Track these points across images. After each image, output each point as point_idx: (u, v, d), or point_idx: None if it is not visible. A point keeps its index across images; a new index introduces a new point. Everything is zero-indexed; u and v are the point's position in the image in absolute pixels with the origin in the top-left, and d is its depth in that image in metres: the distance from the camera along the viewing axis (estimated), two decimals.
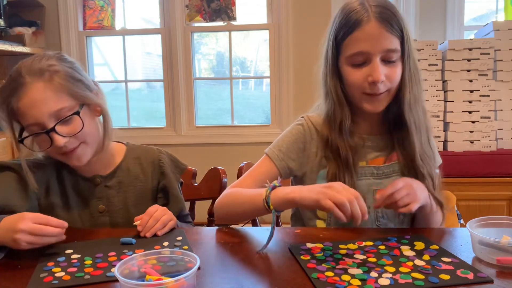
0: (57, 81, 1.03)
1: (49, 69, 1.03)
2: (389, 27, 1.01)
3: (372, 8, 1.01)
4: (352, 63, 1.05)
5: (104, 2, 3.27)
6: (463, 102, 2.45)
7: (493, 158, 2.40)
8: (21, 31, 2.99)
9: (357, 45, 1.02)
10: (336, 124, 1.10)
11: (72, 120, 1.04)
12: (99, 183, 1.16)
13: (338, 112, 1.09)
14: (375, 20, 1.00)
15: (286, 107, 3.15)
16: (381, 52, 1.02)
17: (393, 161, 1.13)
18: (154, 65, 3.45)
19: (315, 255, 0.88)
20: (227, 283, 0.79)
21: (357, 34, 1.02)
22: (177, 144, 3.14)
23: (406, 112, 1.07)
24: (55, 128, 1.02)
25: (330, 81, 1.09)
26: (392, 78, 1.04)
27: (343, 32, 1.04)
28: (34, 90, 1.01)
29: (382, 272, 0.81)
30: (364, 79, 1.03)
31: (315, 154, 1.14)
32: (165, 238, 1.00)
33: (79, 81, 1.07)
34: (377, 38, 1.01)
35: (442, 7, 3.24)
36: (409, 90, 1.06)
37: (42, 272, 0.84)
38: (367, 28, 1.01)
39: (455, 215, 1.41)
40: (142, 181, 1.19)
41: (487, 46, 2.43)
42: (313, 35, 3.07)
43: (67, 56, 1.11)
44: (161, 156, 1.21)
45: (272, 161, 1.14)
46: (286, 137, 1.17)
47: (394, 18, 1.02)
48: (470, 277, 0.78)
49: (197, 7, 3.20)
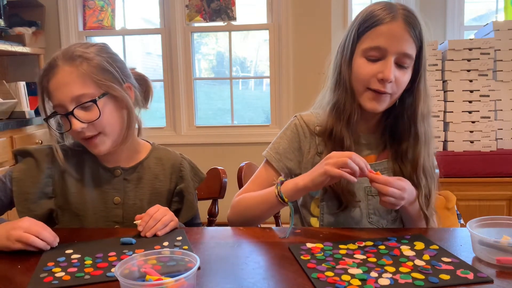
0: (85, 67, 1.06)
1: (81, 56, 1.07)
2: (413, 31, 1.02)
3: (400, 10, 1.03)
4: (367, 56, 1.05)
5: (104, 2, 3.27)
6: (463, 102, 2.45)
7: (493, 158, 2.40)
8: (21, 31, 2.99)
9: (377, 39, 1.03)
10: (345, 116, 1.09)
11: (91, 108, 1.07)
12: (119, 174, 1.17)
13: (349, 103, 1.09)
14: (402, 20, 1.02)
15: (286, 107, 3.15)
16: (397, 53, 1.03)
17: (383, 159, 1.15)
18: (154, 65, 3.45)
19: (315, 255, 0.88)
20: (227, 283, 0.79)
21: (381, 28, 1.03)
22: (177, 144, 3.14)
23: (419, 123, 1.08)
24: (73, 112, 1.05)
25: (345, 71, 1.09)
26: (399, 82, 1.05)
27: (367, 24, 1.05)
28: (62, 73, 1.06)
29: (382, 272, 0.81)
30: (374, 74, 1.04)
31: (308, 152, 1.16)
32: (165, 238, 1.00)
33: (107, 71, 1.09)
34: (399, 38, 1.02)
35: (442, 7, 3.24)
36: (424, 101, 1.07)
37: (42, 272, 0.84)
38: (393, 25, 1.02)
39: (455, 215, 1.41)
40: (161, 181, 1.20)
41: (487, 46, 2.43)
42: (313, 35, 3.09)
43: (109, 48, 1.15)
44: (183, 161, 1.23)
45: (270, 164, 1.17)
46: (282, 138, 1.19)
47: (419, 25, 1.04)
48: (470, 277, 0.78)
49: (197, 7, 3.20)
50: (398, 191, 0.98)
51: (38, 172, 1.14)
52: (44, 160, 1.15)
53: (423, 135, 1.09)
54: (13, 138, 2.53)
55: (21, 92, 2.75)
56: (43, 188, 1.14)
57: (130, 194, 1.17)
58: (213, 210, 1.47)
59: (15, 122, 2.59)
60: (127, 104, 1.12)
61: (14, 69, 3.25)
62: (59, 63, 1.06)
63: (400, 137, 1.12)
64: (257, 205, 1.11)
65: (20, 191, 1.11)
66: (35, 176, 1.13)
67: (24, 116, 2.69)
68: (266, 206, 1.09)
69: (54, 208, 1.14)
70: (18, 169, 1.14)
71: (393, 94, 1.06)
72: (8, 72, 3.24)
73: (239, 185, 1.42)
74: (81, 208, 1.14)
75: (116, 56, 1.15)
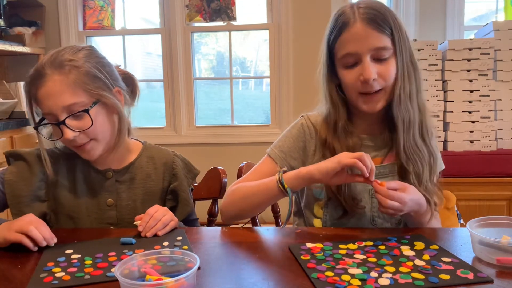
0: (75, 76, 1.05)
1: (69, 64, 1.05)
2: (376, 26, 1.02)
3: (360, 10, 1.04)
4: (344, 65, 1.07)
5: (104, 2, 3.27)
6: (463, 102, 2.45)
7: (493, 158, 2.40)
8: (21, 31, 2.99)
9: (346, 46, 1.05)
10: (331, 125, 1.12)
11: (83, 116, 1.06)
12: (111, 177, 1.17)
13: (333, 113, 1.12)
14: (361, 21, 1.03)
15: (286, 107, 3.15)
16: (369, 51, 1.03)
17: (390, 161, 1.14)
18: (154, 65, 3.45)
19: (315, 255, 0.88)
20: (227, 283, 0.79)
21: (345, 36, 1.04)
22: (177, 144, 3.14)
23: (394, 108, 1.07)
24: (65, 122, 1.04)
25: (326, 85, 1.12)
26: (385, 75, 1.04)
27: (333, 35, 1.07)
28: (52, 82, 1.04)
29: (382, 272, 0.81)
30: (357, 78, 1.05)
31: (313, 152, 1.16)
32: (165, 238, 1.00)
33: (97, 78, 1.08)
34: (364, 38, 1.02)
35: (442, 7, 3.24)
36: (401, 87, 1.06)
37: (42, 272, 0.84)
38: (353, 29, 1.03)
39: (455, 215, 1.41)
40: (153, 180, 1.20)
41: (487, 46, 2.43)
42: (313, 35, 3.08)
43: (97, 51, 1.13)
44: (175, 159, 1.23)
45: (274, 162, 1.16)
46: (287, 137, 1.18)
47: (381, 17, 1.03)
48: (470, 277, 0.78)
49: (197, 7, 3.20)
50: (398, 204, 0.97)
51: (30, 175, 1.13)
52: (36, 163, 1.14)
53: (401, 120, 1.07)
54: (13, 138, 2.53)
55: (21, 92, 2.75)
56: (35, 191, 1.13)
57: (123, 195, 1.17)
58: (213, 210, 1.47)
59: (15, 122, 2.59)
60: (118, 110, 1.12)
61: (14, 69, 3.25)
62: (48, 72, 1.04)
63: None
64: (255, 193, 1.09)
65: (13, 193, 1.11)
66: (27, 179, 1.12)
67: (24, 116, 2.69)
68: (265, 195, 1.08)
69: (47, 212, 1.14)
70: (10, 171, 1.13)
71: (386, 88, 1.06)
72: (8, 72, 3.24)
73: None
74: (75, 211, 1.14)
75: (104, 59, 1.13)
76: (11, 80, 3.02)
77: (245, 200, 1.11)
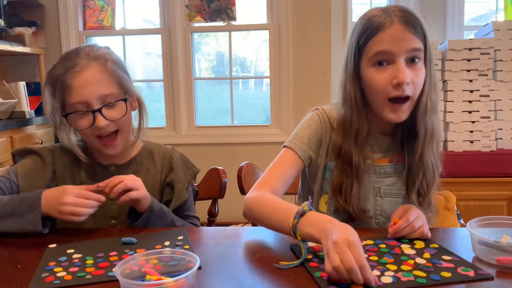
0: (111, 67, 1.11)
1: (104, 56, 1.11)
2: (413, 29, 1.00)
3: (395, 13, 1.01)
4: (375, 62, 1.03)
5: (104, 2, 3.27)
6: (463, 102, 2.45)
7: (493, 158, 2.40)
8: (21, 31, 2.99)
9: (380, 45, 1.01)
10: (352, 133, 1.08)
11: (116, 106, 1.11)
12: (114, 171, 1.20)
13: (356, 120, 1.07)
14: (399, 22, 1.00)
15: (286, 107, 3.15)
16: (405, 53, 1.00)
17: (396, 161, 1.14)
18: (154, 65, 3.45)
19: (318, 254, 0.89)
20: (227, 283, 0.79)
21: (381, 36, 1.01)
22: (177, 144, 3.10)
23: (420, 118, 1.05)
24: (102, 110, 1.08)
25: (350, 87, 1.07)
26: (416, 82, 1.02)
27: (365, 36, 1.03)
28: (90, 70, 1.08)
29: (384, 270, 0.81)
30: (389, 82, 1.01)
31: (326, 145, 1.14)
32: (166, 238, 1.00)
33: (126, 74, 1.16)
34: (401, 39, 1.00)
35: (442, 7, 3.24)
36: (427, 95, 1.05)
37: (44, 272, 0.84)
38: (391, 30, 1.00)
39: (455, 215, 1.41)
40: (153, 175, 1.22)
41: (487, 46, 2.43)
42: (313, 35, 3.09)
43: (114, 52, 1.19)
44: (173, 153, 1.26)
45: (295, 153, 1.12)
46: (306, 129, 1.15)
47: (418, 22, 1.02)
48: (471, 274, 0.79)
49: (197, 7, 3.20)
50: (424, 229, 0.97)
51: (43, 166, 1.17)
52: (48, 156, 1.18)
53: (423, 131, 1.06)
54: (13, 138, 2.53)
55: (21, 92, 2.75)
56: (49, 182, 1.16)
57: None
58: (213, 210, 1.47)
59: (15, 122, 2.59)
60: (140, 103, 1.19)
61: (14, 69, 3.25)
62: (85, 61, 1.08)
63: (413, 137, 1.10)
64: (271, 218, 0.99)
65: (28, 184, 1.13)
66: (41, 170, 1.16)
67: (24, 116, 2.69)
68: (277, 226, 0.97)
69: None
70: (22, 165, 1.17)
71: (413, 96, 1.03)
72: (8, 72, 3.24)
73: (239, 185, 1.42)
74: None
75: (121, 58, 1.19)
76: (11, 80, 3.02)
77: (261, 215, 1.02)
